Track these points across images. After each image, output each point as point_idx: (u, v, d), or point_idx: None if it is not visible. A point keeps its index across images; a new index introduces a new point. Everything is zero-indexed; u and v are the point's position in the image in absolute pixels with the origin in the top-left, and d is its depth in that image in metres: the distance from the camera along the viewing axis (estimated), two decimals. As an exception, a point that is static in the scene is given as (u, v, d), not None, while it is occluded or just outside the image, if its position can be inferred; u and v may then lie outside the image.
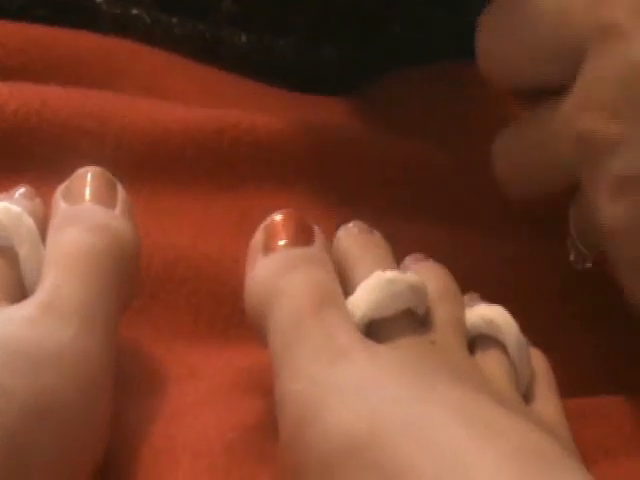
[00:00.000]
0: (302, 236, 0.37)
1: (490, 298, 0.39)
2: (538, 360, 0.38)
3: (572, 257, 0.42)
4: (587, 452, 0.36)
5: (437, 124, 0.50)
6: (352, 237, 0.38)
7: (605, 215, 0.37)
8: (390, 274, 0.35)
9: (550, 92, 0.39)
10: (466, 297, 0.39)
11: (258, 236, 0.37)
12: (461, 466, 0.28)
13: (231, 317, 0.41)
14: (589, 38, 0.37)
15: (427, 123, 0.50)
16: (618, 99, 0.36)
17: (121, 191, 0.38)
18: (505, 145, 0.42)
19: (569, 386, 0.39)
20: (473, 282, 0.39)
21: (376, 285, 0.35)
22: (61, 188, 0.38)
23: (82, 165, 0.39)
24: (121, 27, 0.49)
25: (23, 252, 0.36)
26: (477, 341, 0.37)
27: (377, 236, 0.38)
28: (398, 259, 0.38)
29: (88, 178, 0.38)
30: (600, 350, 0.44)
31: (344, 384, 0.32)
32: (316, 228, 0.37)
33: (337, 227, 0.39)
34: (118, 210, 0.37)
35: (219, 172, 0.44)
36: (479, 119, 0.49)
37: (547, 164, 0.40)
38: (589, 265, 0.42)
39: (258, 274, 0.36)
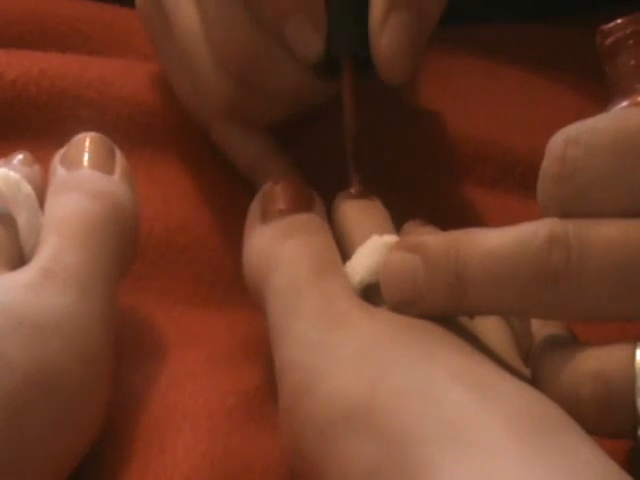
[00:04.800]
0: (300, 203, 0.36)
1: None
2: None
3: None
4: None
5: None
6: (350, 203, 0.38)
7: None
8: (387, 238, 0.35)
9: None
10: None
11: (256, 203, 0.37)
12: (461, 430, 0.28)
13: (231, 284, 0.41)
14: None
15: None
16: None
17: (120, 157, 0.38)
18: None
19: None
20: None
21: (374, 249, 0.35)
22: (59, 154, 0.38)
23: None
24: None
25: (21, 219, 0.36)
26: None
27: (376, 202, 0.38)
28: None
29: (86, 144, 0.38)
30: None
31: (343, 349, 0.32)
32: (314, 194, 0.37)
33: None
34: (117, 176, 0.37)
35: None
36: None
37: None
38: None
39: (256, 241, 0.36)
